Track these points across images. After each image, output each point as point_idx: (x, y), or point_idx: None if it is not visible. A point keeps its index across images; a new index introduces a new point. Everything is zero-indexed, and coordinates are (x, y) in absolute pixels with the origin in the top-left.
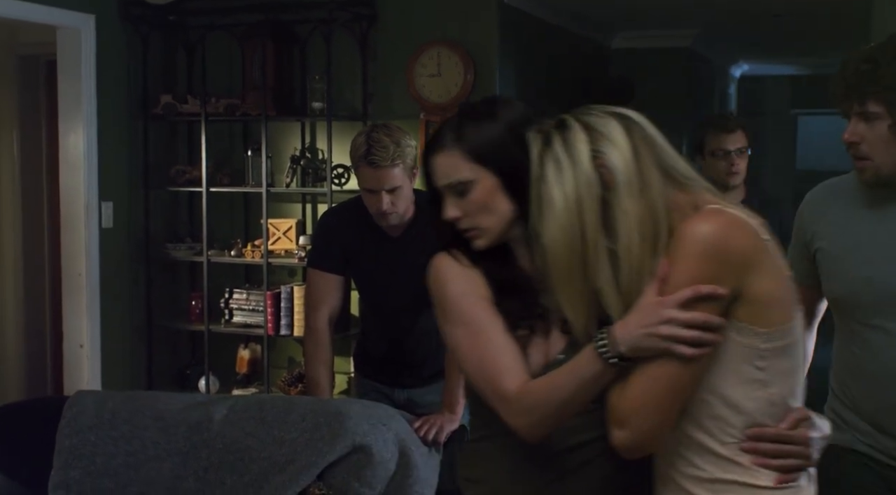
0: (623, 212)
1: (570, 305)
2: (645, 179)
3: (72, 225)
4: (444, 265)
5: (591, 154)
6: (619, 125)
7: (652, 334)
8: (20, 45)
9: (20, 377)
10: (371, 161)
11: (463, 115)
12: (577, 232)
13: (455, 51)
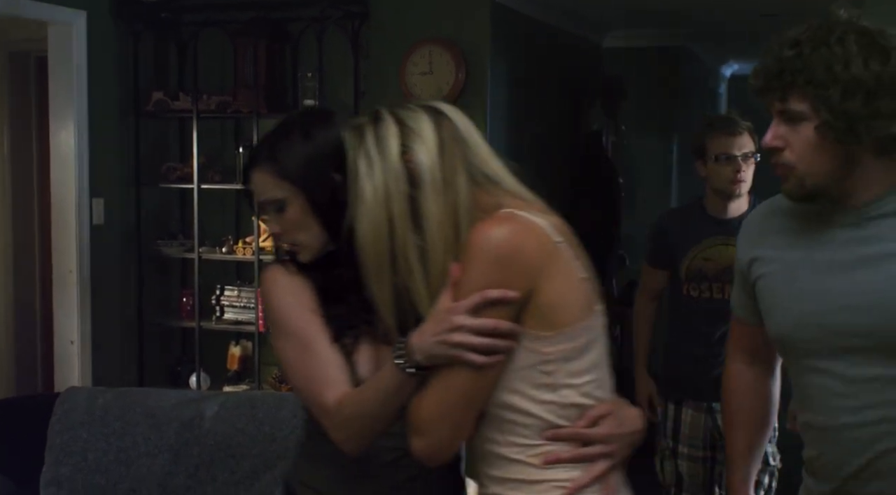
0: (427, 210)
1: (381, 303)
2: (449, 178)
3: (63, 221)
4: (271, 276)
5: (400, 149)
6: (429, 121)
7: (443, 342)
8: (10, 41)
9: (10, 374)
10: None
11: (277, 132)
12: (384, 227)
13: (447, 49)
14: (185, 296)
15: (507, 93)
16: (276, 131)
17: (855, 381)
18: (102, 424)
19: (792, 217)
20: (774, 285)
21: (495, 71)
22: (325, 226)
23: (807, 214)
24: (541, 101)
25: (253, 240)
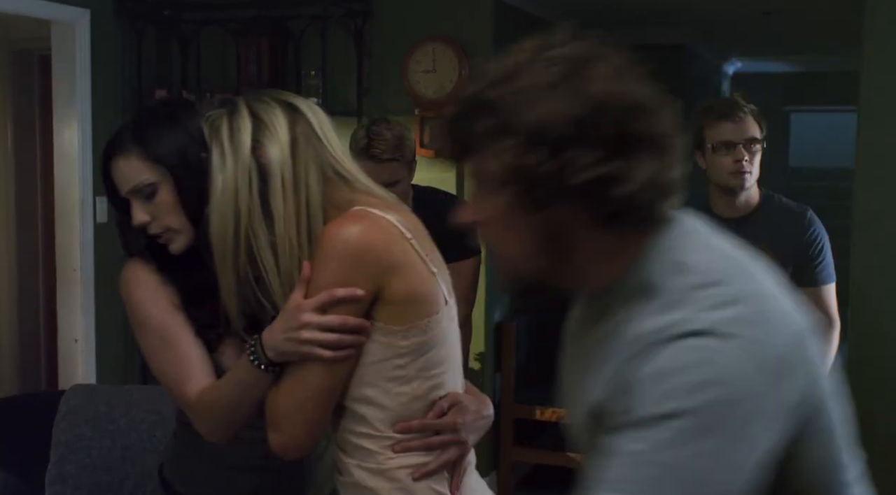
0: (276, 206)
1: (225, 295)
2: (300, 175)
3: (66, 220)
4: (131, 272)
5: (252, 144)
6: (284, 117)
7: (292, 339)
8: (13, 40)
9: (14, 372)
10: (372, 154)
11: (140, 117)
12: (231, 221)
13: (450, 46)
14: None
15: None
16: (138, 118)
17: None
18: (107, 421)
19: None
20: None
21: None
22: (192, 212)
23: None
24: None
25: None
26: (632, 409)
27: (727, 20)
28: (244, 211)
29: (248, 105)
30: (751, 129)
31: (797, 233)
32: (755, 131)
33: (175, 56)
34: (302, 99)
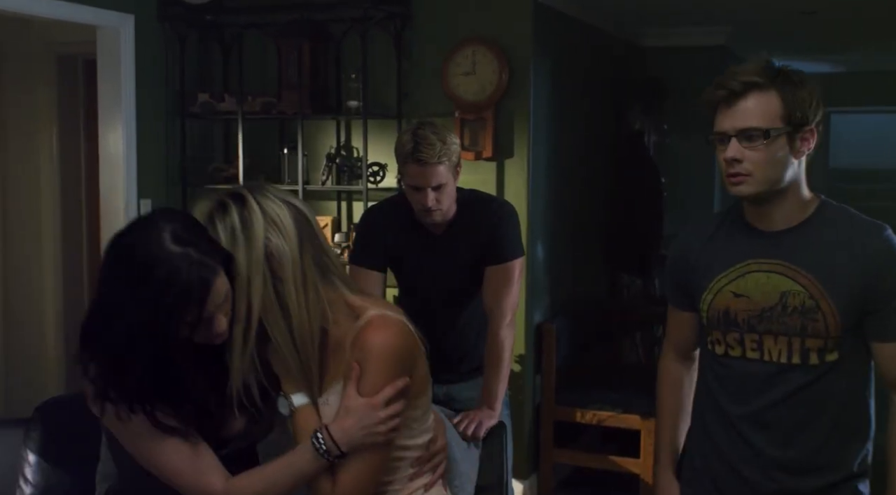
0: (291, 301)
1: (235, 374)
2: (307, 274)
3: (111, 222)
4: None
5: (264, 240)
6: (291, 218)
7: (373, 433)
8: (60, 44)
9: (59, 372)
10: (418, 158)
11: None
12: (243, 309)
13: (490, 49)
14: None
15: (549, 93)
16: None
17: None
18: None
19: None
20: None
21: (538, 71)
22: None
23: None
24: (583, 101)
25: None
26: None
27: (768, 20)
28: (257, 303)
29: (256, 199)
30: (771, 108)
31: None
32: (774, 113)
33: (217, 60)
34: (299, 200)
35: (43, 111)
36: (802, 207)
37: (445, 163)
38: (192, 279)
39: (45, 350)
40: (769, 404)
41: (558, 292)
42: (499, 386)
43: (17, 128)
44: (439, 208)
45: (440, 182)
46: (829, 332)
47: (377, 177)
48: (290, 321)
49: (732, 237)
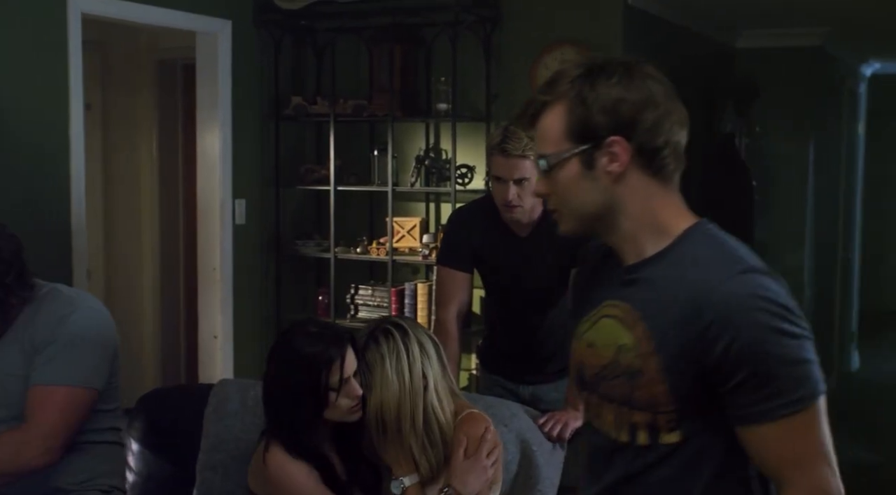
0: (437, 412)
1: (393, 457)
2: (442, 392)
3: (207, 221)
4: (279, 454)
5: (420, 366)
6: (434, 351)
7: (488, 478)
8: (161, 50)
9: (156, 366)
10: (503, 149)
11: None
12: (407, 409)
13: (579, 51)
14: (321, 294)
15: None
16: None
17: None
18: (254, 415)
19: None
20: None
21: None
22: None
23: None
24: None
25: (387, 240)
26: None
27: (865, 20)
28: (414, 408)
29: (415, 333)
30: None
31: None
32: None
33: (310, 63)
34: (433, 335)
35: (144, 114)
36: (656, 235)
37: (530, 157)
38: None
39: (143, 344)
40: (610, 487)
41: None
42: None
43: (120, 131)
44: (520, 204)
45: (522, 175)
46: (656, 406)
47: (465, 179)
48: (429, 424)
49: (607, 268)
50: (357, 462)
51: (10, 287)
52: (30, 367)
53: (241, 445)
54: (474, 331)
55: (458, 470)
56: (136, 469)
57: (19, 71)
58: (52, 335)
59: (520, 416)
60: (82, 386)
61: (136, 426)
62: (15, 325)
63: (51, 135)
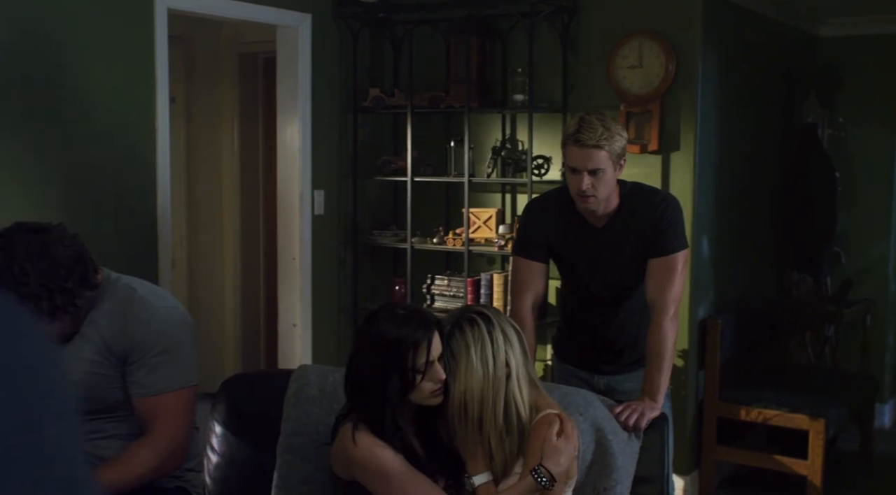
0: (517, 396)
1: (472, 454)
2: (525, 379)
3: (287, 212)
4: (367, 435)
5: (504, 354)
6: (517, 340)
7: (573, 458)
8: (242, 43)
9: (236, 352)
10: (578, 139)
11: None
12: (489, 397)
13: (657, 41)
14: (398, 284)
15: (718, 85)
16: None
17: None
18: (332, 400)
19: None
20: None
21: (706, 63)
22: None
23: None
24: (753, 93)
25: (463, 231)
26: None
27: None
28: (498, 393)
29: (498, 322)
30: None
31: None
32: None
33: (387, 56)
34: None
35: (226, 106)
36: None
37: (605, 148)
38: (405, 337)
39: (223, 332)
40: None
41: (724, 288)
42: (661, 378)
43: (202, 123)
44: (594, 194)
45: (596, 166)
46: None
47: (541, 170)
48: (509, 413)
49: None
50: (438, 449)
51: (72, 291)
52: (111, 369)
53: (319, 429)
54: (549, 323)
55: (551, 450)
56: (219, 451)
57: (109, 66)
58: (146, 344)
59: (595, 406)
60: (190, 386)
61: (220, 409)
62: (88, 321)
63: (138, 129)
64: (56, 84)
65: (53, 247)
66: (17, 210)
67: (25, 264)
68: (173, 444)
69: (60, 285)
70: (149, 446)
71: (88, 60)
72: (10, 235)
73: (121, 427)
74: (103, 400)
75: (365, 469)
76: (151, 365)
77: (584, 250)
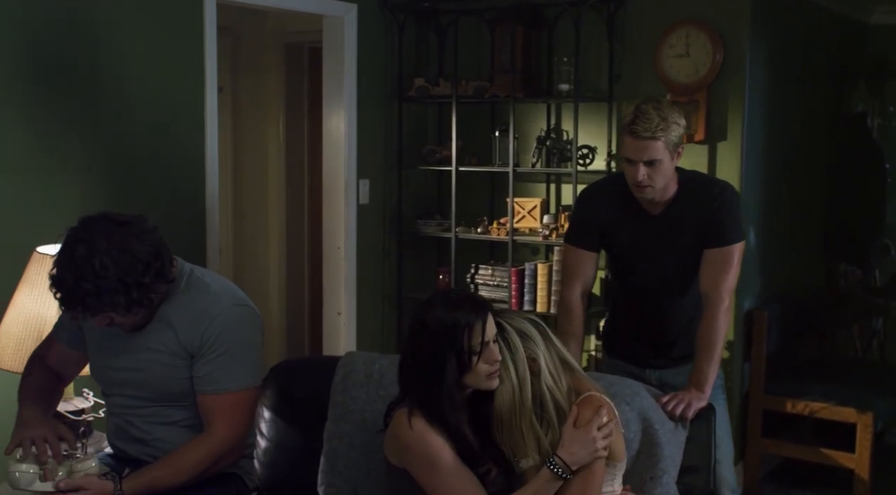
0: (544, 385)
1: (513, 444)
2: (556, 366)
3: (332, 201)
4: (422, 422)
5: (523, 354)
6: (536, 332)
7: (596, 450)
8: (288, 33)
9: (282, 340)
10: (633, 130)
11: None
12: (519, 397)
13: (704, 30)
14: (442, 273)
15: (764, 74)
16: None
17: None
18: (379, 387)
19: None
20: None
21: (754, 51)
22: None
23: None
24: (801, 82)
25: (507, 220)
26: None
27: None
28: (525, 390)
29: (510, 324)
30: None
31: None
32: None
33: (433, 45)
34: (539, 319)
35: (272, 96)
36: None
37: (661, 139)
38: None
39: (269, 319)
40: None
41: (771, 279)
42: (710, 369)
43: (248, 113)
44: (651, 184)
45: (652, 157)
46: None
47: (586, 159)
48: (545, 406)
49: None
50: (489, 437)
51: (148, 286)
52: (178, 360)
53: (366, 416)
54: (593, 313)
55: (566, 440)
56: (267, 435)
57: (159, 57)
58: (215, 342)
59: (642, 395)
60: (251, 388)
61: (268, 395)
62: (161, 313)
63: (188, 118)
64: (108, 76)
65: (133, 242)
66: (71, 200)
67: (105, 258)
68: (226, 446)
69: (137, 280)
70: (201, 446)
71: (140, 51)
72: (92, 227)
73: (184, 415)
74: (169, 389)
75: (416, 455)
76: (216, 363)
77: (638, 238)
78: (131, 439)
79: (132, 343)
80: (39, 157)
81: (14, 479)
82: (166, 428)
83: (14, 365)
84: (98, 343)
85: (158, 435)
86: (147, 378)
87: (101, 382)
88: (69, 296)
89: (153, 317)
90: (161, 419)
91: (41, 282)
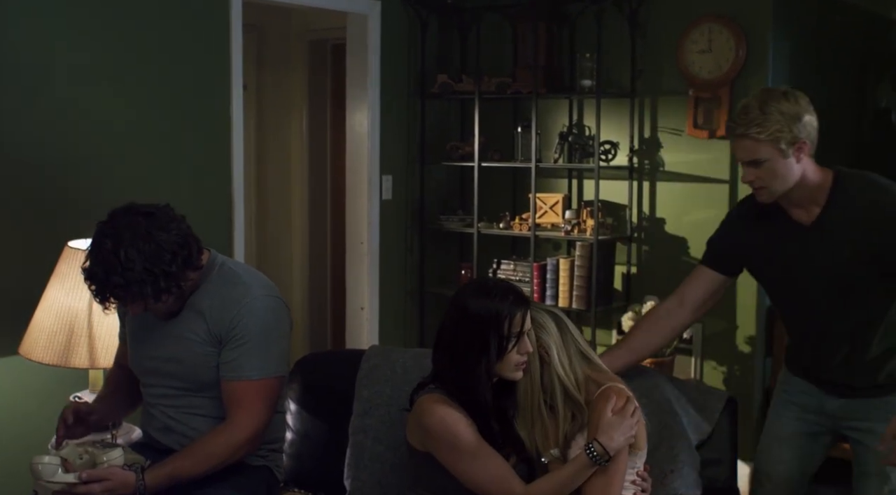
0: (562, 376)
1: (527, 430)
2: (569, 358)
3: (355, 196)
4: (442, 403)
5: (535, 339)
6: (552, 323)
7: (630, 438)
8: (312, 30)
9: (304, 333)
10: (728, 127)
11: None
12: (533, 389)
13: (726, 26)
14: (464, 268)
15: (787, 69)
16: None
17: None
18: (404, 381)
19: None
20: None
21: (777, 47)
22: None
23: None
24: (825, 78)
25: (529, 216)
26: None
27: None
28: (535, 380)
29: (532, 319)
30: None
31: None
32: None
33: (456, 42)
34: (559, 311)
35: (296, 93)
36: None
37: (759, 137)
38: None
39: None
40: None
41: None
42: None
43: (272, 109)
44: (762, 186)
45: (752, 157)
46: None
47: (608, 155)
48: (554, 394)
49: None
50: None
51: (176, 275)
52: (208, 348)
53: (391, 410)
54: (614, 308)
55: (605, 426)
56: (293, 428)
57: (187, 55)
58: (242, 329)
59: (662, 387)
60: (276, 376)
61: (294, 388)
62: (192, 300)
63: (215, 115)
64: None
65: (159, 232)
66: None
67: (130, 249)
68: (244, 434)
69: (164, 269)
70: (219, 436)
71: (169, 48)
72: (118, 219)
73: (212, 406)
74: (200, 378)
75: (439, 437)
76: (240, 350)
77: (788, 251)
78: (164, 429)
79: (166, 332)
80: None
81: (37, 471)
82: (198, 419)
83: (46, 357)
84: (136, 334)
85: (193, 425)
86: (180, 367)
87: (138, 372)
88: (101, 289)
89: (185, 305)
90: (193, 410)
91: (72, 275)
